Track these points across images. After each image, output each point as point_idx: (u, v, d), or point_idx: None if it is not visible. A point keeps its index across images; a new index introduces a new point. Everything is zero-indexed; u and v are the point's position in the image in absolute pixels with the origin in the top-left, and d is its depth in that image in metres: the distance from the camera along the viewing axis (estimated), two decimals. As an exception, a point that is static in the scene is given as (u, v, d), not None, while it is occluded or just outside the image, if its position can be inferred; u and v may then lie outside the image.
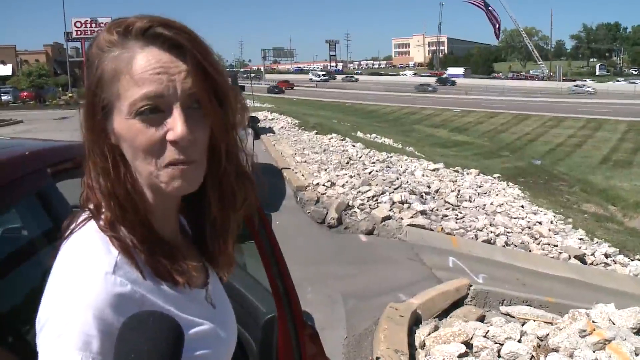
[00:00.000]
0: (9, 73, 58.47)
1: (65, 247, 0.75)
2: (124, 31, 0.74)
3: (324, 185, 10.10)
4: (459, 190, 11.51)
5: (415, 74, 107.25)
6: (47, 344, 0.65)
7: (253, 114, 16.82)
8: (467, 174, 15.34)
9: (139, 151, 0.74)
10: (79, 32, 53.13)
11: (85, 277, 0.68)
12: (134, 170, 0.77)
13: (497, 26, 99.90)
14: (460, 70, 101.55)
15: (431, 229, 8.07)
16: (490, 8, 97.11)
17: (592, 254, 8.74)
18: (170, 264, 0.79)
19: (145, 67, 0.72)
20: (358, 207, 8.62)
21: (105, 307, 0.66)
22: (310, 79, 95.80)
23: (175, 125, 0.72)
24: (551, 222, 10.83)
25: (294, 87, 74.29)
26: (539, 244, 8.68)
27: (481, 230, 8.54)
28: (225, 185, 0.83)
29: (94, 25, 51.79)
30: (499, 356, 3.97)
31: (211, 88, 0.76)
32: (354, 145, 16.81)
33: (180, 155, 0.73)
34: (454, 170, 15.30)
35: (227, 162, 0.82)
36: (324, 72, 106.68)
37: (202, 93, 0.74)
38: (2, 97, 43.34)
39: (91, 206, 0.78)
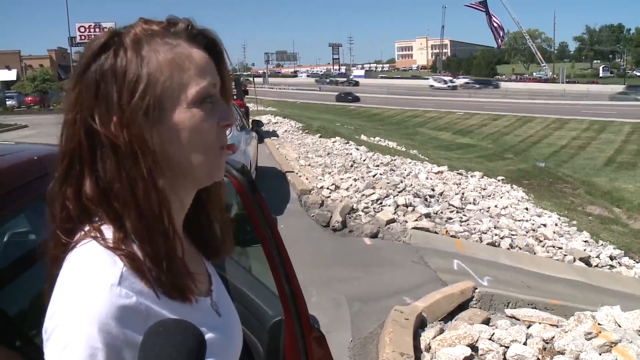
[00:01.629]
0: (14, 78, 58.88)
1: (71, 258, 0.73)
2: (166, 26, 0.78)
3: (328, 188, 10.09)
4: (463, 193, 11.48)
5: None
6: (53, 355, 0.66)
7: (256, 118, 16.83)
8: (471, 176, 15.26)
9: (199, 139, 0.77)
10: (83, 37, 53.67)
11: (90, 289, 0.68)
12: (169, 172, 0.77)
13: (500, 34, 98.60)
14: (362, 72, 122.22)
15: (436, 232, 8.05)
16: (491, 15, 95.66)
17: (597, 256, 8.69)
18: (181, 283, 0.77)
19: (202, 57, 0.79)
20: (362, 211, 8.61)
21: (110, 319, 0.66)
22: (432, 85, 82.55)
23: (228, 111, 0.81)
24: (556, 225, 10.77)
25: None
26: (543, 246, 8.64)
27: (485, 233, 8.51)
28: None
29: (97, 30, 52.27)
30: (505, 359, 3.96)
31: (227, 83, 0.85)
32: (357, 149, 16.76)
33: (227, 140, 0.81)
34: (457, 173, 15.22)
35: None
36: (450, 78, 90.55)
37: (226, 87, 0.84)
38: (7, 102, 43.56)
39: (96, 219, 0.76)
